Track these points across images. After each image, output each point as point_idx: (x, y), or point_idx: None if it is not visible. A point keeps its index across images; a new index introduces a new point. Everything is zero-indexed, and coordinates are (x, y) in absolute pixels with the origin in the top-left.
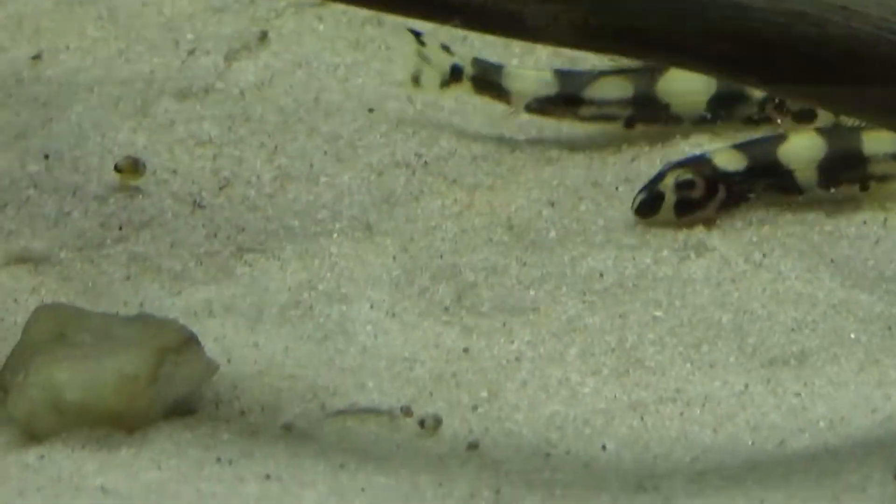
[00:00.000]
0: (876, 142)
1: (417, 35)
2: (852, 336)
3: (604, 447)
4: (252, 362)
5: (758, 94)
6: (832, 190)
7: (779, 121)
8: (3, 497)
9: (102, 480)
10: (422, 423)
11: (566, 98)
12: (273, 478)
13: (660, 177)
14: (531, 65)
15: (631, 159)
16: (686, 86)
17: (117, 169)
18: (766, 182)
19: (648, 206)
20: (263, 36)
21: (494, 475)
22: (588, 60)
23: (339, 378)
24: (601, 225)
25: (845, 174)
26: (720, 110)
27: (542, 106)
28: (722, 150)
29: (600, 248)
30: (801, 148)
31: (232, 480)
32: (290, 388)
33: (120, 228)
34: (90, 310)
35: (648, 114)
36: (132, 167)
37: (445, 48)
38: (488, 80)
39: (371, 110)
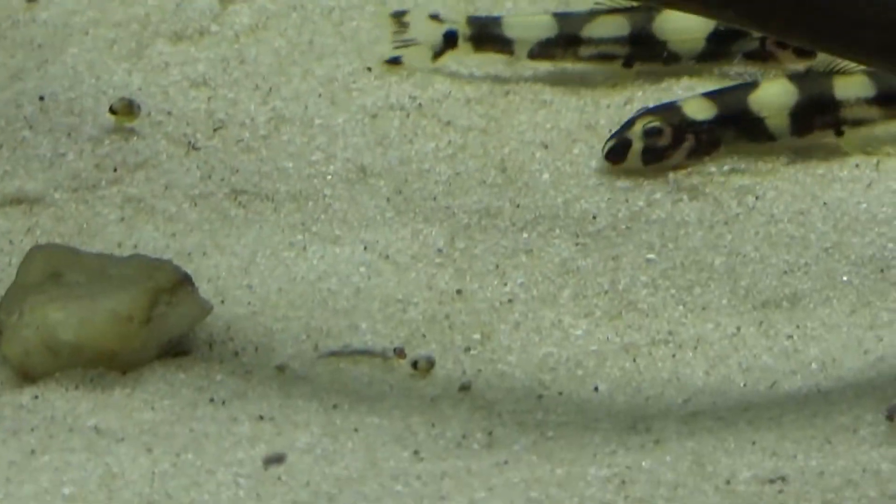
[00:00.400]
0: (848, 86)
1: (398, 15)
2: (844, 279)
3: (596, 389)
4: (246, 303)
5: None
6: (805, 136)
7: (780, 57)
8: None
9: (96, 420)
10: (415, 365)
11: (566, 39)
12: (266, 418)
13: (629, 123)
14: (520, 11)
15: (624, 102)
16: (684, 23)
17: (112, 111)
18: (736, 130)
19: (616, 153)
20: None
21: (487, 416)
22: (570, 4)
23: (332, 319)
24: (594, 167)
25: (818, 120)
26: (719, 47)
27: (543, 50)
28: (692, 99)
29: (593, 191)
30: (772, 95)
31: (225, 421)
32: (283, 329)
33: (114, 170)
34: (84, 250)
35: (646, 52)
36: (127, 109)
37: (434, 17)
38: (488, 35)
39: (369, 68)
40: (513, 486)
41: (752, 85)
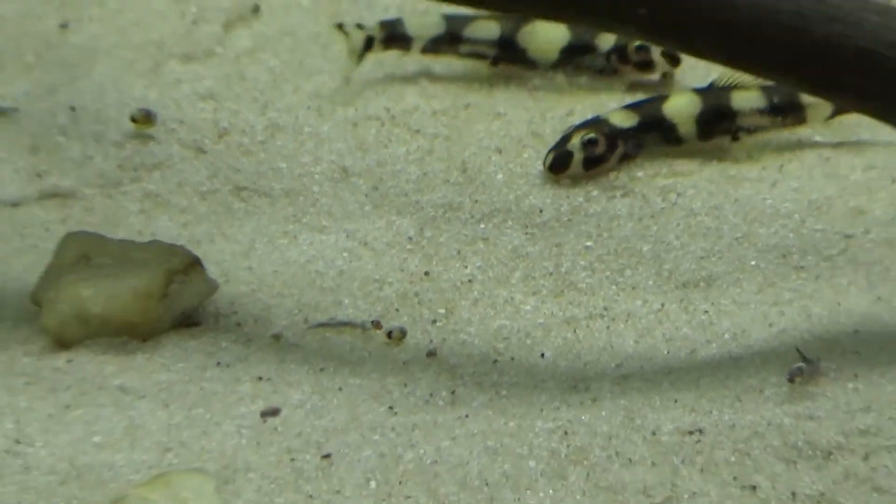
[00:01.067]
0: (743, 98)
1: (340, 27)
2: (752, 263)
3: (542, 355)
4: (246, 282)
5: (604, 46)
6: (708, 141)
7: (621, 70)
8: (38, 394)
9: (121, 381)
10: (389, 335)
11: (451, 37)
12: (264, 379)
13: (565, 138)
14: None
15: (566, 114)
16: (543, 35)
17: (133, 119)
18: (654, 135)
19: (560, 163)
20: (256, 9)
21: (450, 378)
22: None
23: (319, 296)
24: (541, 169)
25: (718, 127)
26: (570, 59)
27: (433, 46)
28: (615, 111)
29: (540, 189)
30: (681, 104)
31: (230, 381)
32: (278, 305)
33: (135, 170)
34: (110, 237)
35: (509, 55)
36: (145, 118)
37: (360, 26)
38: (395, 34)
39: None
40: (472, 437)
41: (663, 97)
